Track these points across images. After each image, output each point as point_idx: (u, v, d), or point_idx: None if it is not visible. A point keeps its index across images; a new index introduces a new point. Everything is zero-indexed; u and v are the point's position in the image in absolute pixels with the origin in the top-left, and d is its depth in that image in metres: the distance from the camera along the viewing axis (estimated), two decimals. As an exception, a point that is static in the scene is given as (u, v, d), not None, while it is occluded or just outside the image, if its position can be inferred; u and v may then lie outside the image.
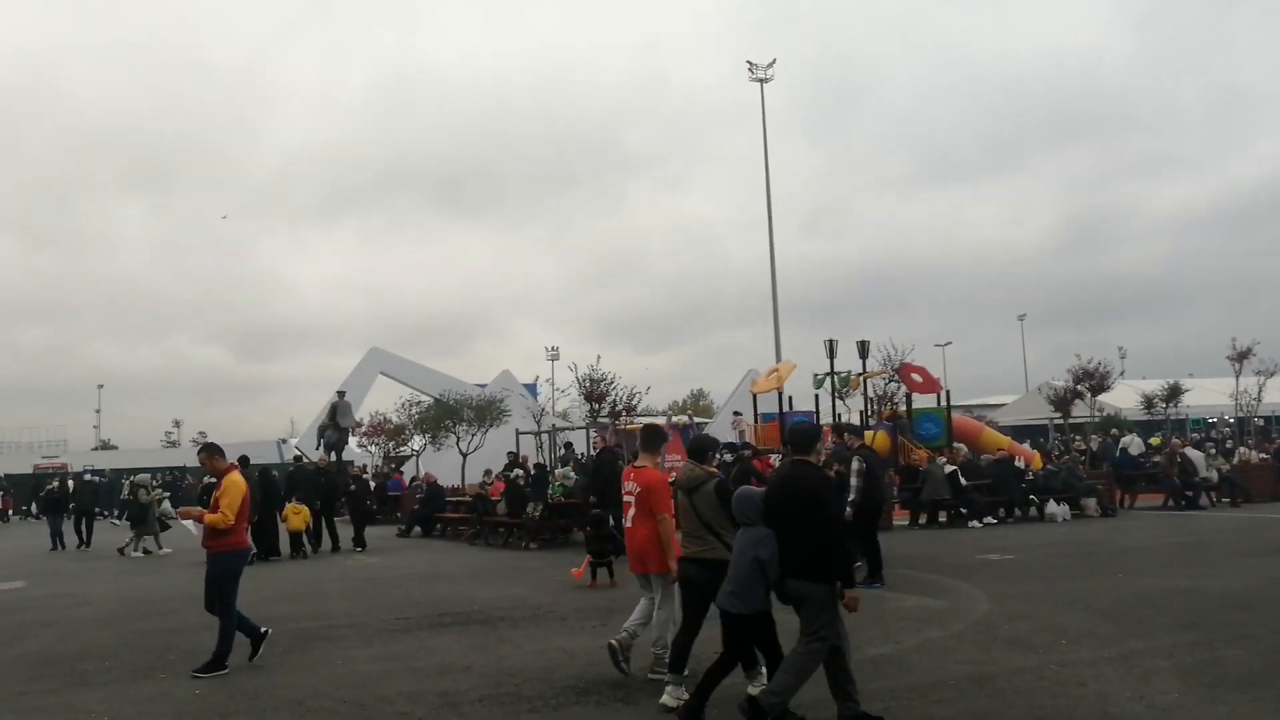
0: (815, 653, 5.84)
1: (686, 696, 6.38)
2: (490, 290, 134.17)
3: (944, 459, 21.40)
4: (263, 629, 8.78)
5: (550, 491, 19.22)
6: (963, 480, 19.98)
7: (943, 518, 20.20)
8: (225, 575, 8.51)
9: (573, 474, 20.46)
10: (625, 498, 7.51)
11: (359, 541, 19.84)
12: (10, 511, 41.51)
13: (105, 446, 78.59)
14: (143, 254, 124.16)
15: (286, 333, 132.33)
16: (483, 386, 41.72)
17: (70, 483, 26.30)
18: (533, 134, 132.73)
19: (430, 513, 22.93)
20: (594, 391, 18.07)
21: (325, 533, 19.71)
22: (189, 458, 57.80)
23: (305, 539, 18.95)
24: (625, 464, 18.00)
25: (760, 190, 45.78)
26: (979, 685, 6.94)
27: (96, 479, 35.49)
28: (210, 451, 9.01)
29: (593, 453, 25.10)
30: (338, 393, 36.86)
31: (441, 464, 30.91)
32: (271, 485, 19.02)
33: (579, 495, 17.42)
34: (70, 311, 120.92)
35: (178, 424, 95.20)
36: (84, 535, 23.11)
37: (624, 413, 18.32)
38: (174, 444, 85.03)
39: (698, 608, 6.63)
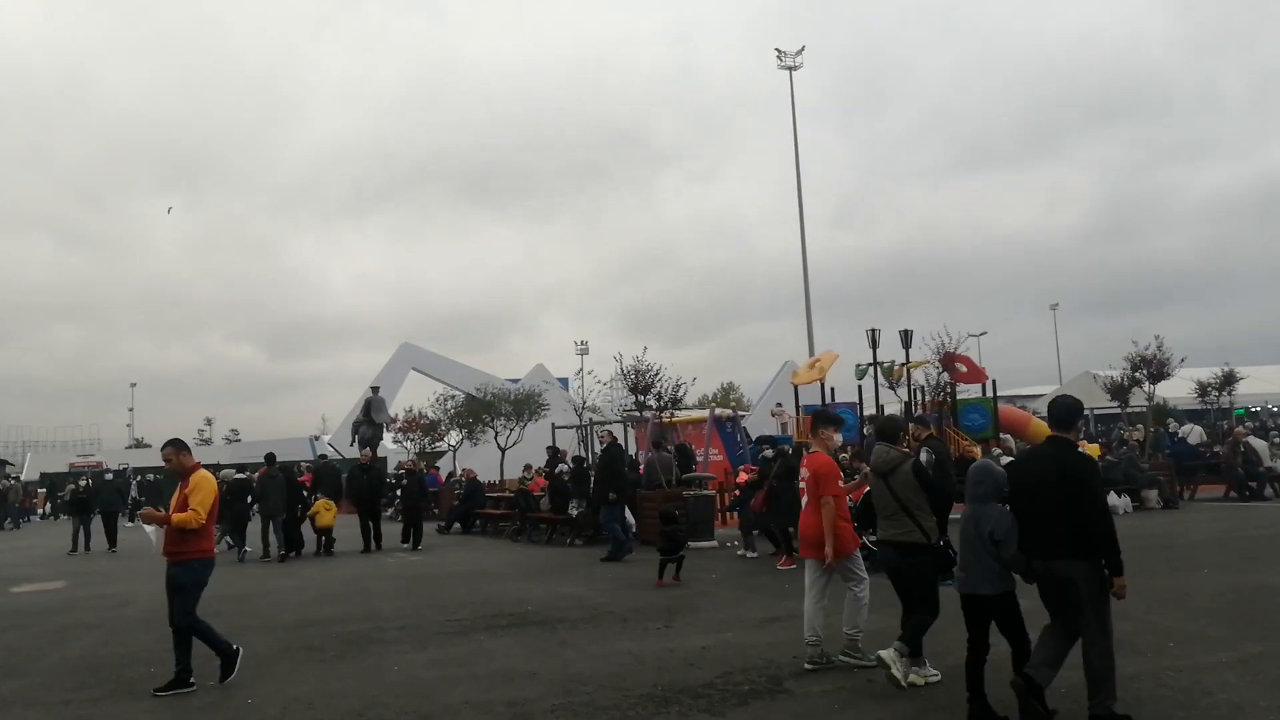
0: (1100, 637, 5.53)
1: (934, 673, 6.64)
2: (520, 285, 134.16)
3: (998, 450, 20.80)
4: (235, 646, 7.90)
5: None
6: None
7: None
8: (190, 585, 7.64)
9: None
10: (802, 484, 7.54)
11: (415, 540, 19.15)
12: (45, 508, 41.54)
13: (139, 444, 78.98)
14: (175, 253, 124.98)
15: (317, 330, 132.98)
16: (516, 381, 41.39)
17: (89, 481, 26.04)
18: (563, 127, 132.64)
19: (470, 509, 22.57)
20: (639, 383, 17.54)
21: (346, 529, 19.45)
22: (220, 455, 57.99)
23: (332, 535, 18.94)
24: (661, 457, 17.85)
25: (791, 181, 45.17)
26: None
27: (135, 478, 35.35)
28: (177, 447, 7.97)
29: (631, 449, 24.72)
30: (372, 388, 36.74)
31: (478, 459, 30.56)
32: (295, 482, 19.22)
33: (597, 492, 16.99)
34: (104, 311, 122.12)
35: (209, 422, 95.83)
36: (110, 536, 22.77)
37: (669, 405, 17.80)
38: (206, 441, 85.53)
39: (911, 589, 6.68)
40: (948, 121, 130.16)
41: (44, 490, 44.07)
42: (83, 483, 24.84)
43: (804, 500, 7.55)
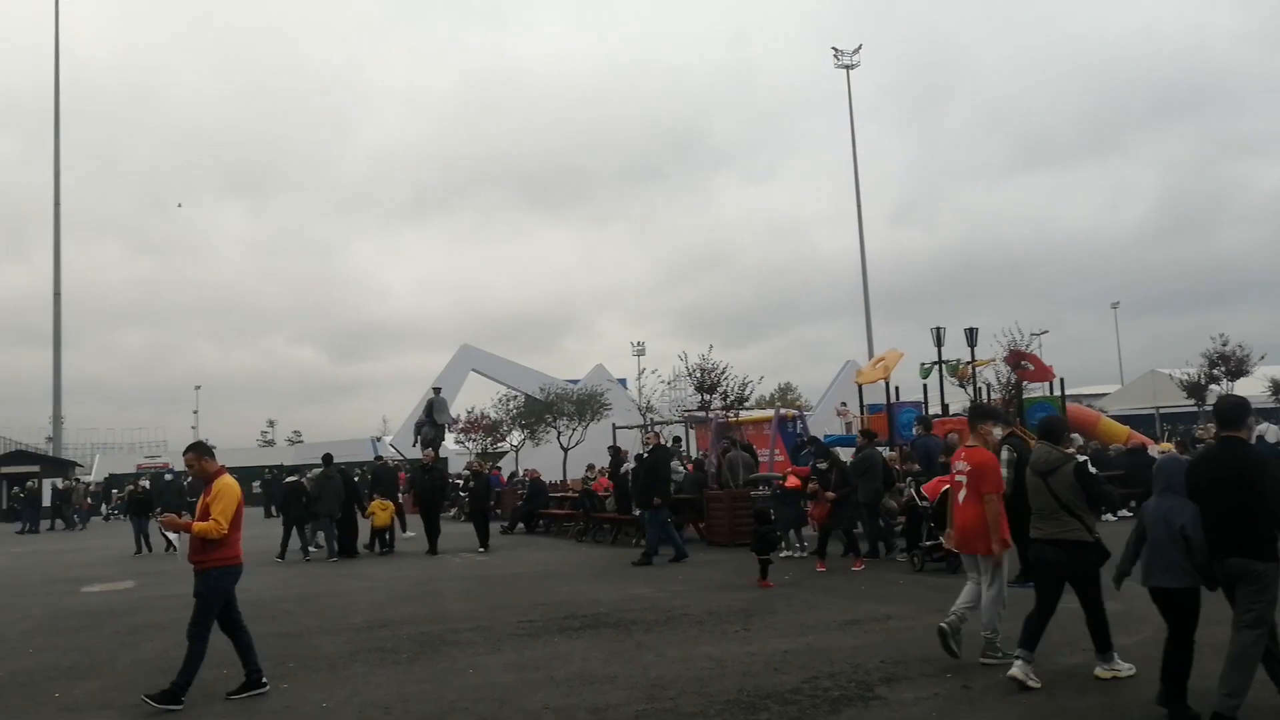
0: (1259, 639, 5.38)
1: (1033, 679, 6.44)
2: (576, 287, 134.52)
3: (1071, 449, 20.25)
4: (263, 680, 7.43)
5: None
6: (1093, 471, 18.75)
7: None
8: (214, 595, 7.24)
9: (681, 469, 19.73)
10: (958, 478, 7.51)
11: (482, 540, 18.80)
12: (104, 509, 42.06)
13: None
14: (239, 257, 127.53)
15: (378, 333, 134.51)
16: (574, 382, 41.33)
17: (147, 483, 26.12)
18: (620, 129, 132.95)
19: (534, 509, 22.45)
20: (704, 383, 17.27)
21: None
22: (283, 456, 58.69)
23: (390, 535, 19.11)
24: (740, 456, 17.55)
25: (849, 180, 44.68)
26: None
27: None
28: (198, 452, 7.62)
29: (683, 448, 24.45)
30: (433, 389, 36.82)
31: (539, 459, 30.48)
32: (352, 483, 19.26)
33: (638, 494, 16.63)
34: (170, 315, 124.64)
35: (272, 423, 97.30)
36: (168, 538, 22.22)
37: (735, 404, 17.51)
38: (270, 443, 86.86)
39: (1052, 588, 6.65)
40: (1008, 117, 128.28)
41: (100, 490, 44.79)
42: (142, 483, 25.05)
43: (960, 494, 7.51)
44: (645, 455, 16.26)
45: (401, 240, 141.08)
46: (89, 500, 39.43)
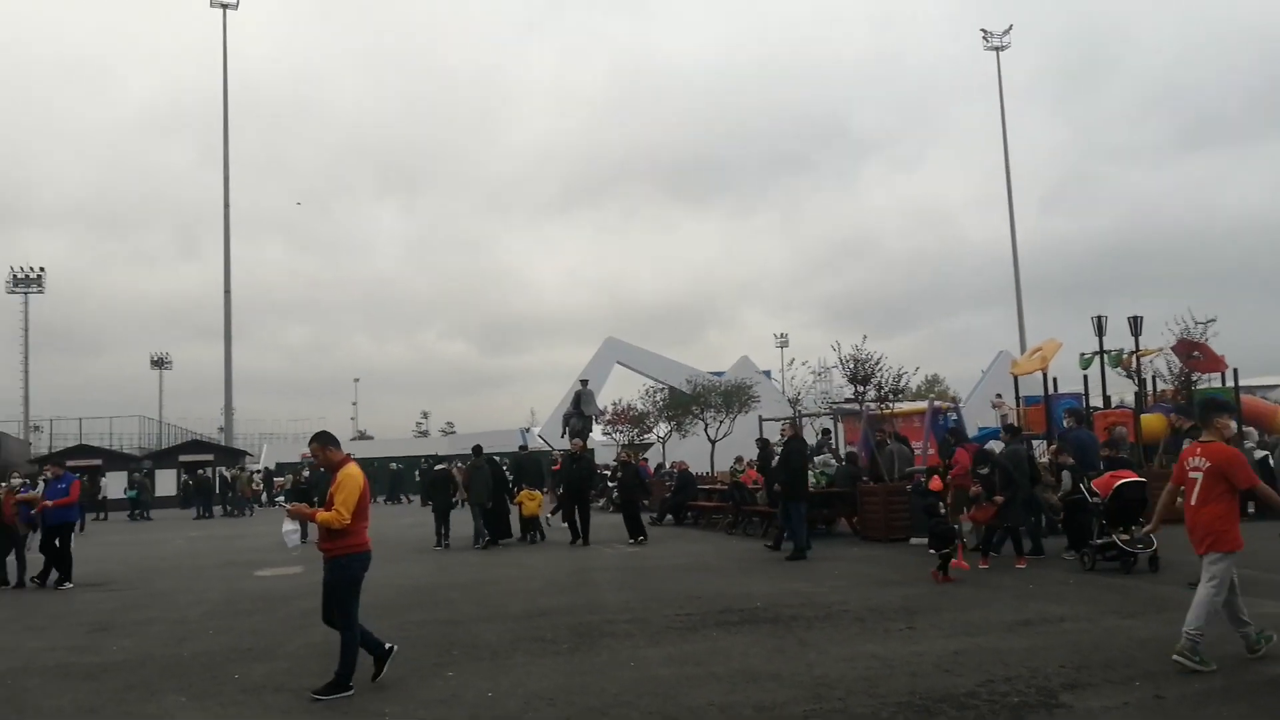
0: None
1: None
2: (719, 278, 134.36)
3: (1250, 444, 19.06)
4: (388, 645, 7.66)
5: (813, 480, 18.18)
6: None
7: (1251, 508, 17.82)
8: (344, 582, 7.35)
9: (833, 461, 19.37)
10: (1191, 474, 7.10)
11: (632, 532, 18.25)
12: (263, 497, 43.38)
13: (362, 436, 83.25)
14: (395, 254, 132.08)
15: (525, 326, 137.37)
16: (719, 375, 41.13)
17: (309, 472, 26.08)
18: (765, 118, 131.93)
19: (683, 501, 22.39)
20: (858, 373, 16.84)
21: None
22: (438, 446, 60.29)
23: (540, 524, 19.57)
24: (899, 449, 17.07)
25: (997, 166, 43.28)
26: None
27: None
28: (323, 442, 7.67)
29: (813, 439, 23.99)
30: (581, 381, 37.23)
31: (685, 451, 30.45)
32: (501, 473, 19.98)
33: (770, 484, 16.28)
34: (330, 311, 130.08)
35: (425, 415, 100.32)
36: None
37: (891, 395, 17.02)
38: (424, 433, 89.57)
39: None
40: (1171, 96, 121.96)
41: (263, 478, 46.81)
42: (305, 474, 25.85)
43: (1193, 494, 7.08)
44: (780, 447, 15.99)
45: (548, 234, 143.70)
46: (254, 487, 41.34)
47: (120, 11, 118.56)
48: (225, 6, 52.93)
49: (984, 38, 56.00)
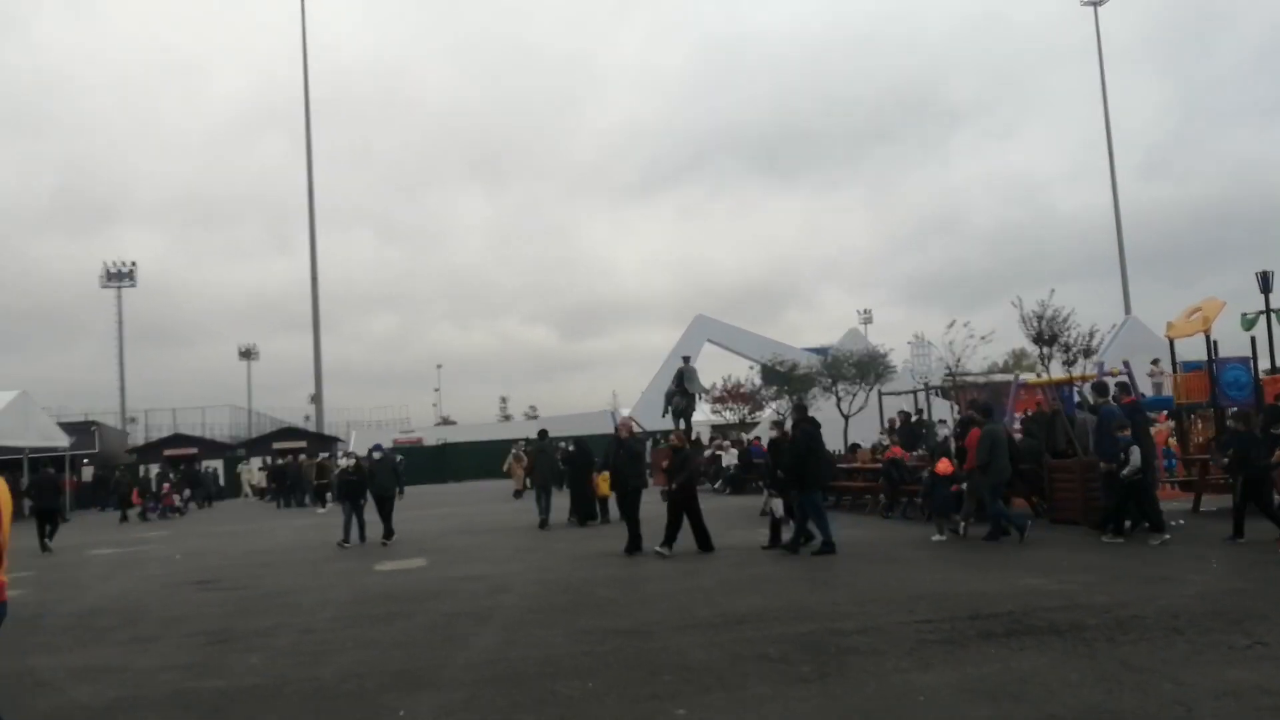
0: None
1: None
2: (799, 257, 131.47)
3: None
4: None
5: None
6: None
7: None
8: None
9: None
10: None
11: (699, 540, 13.78)
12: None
13: (445, 422, 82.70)
14: (479, 242, 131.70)
15: (605, 310, 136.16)
16: (821, 351, 39.02)
17: (355, 461, 19.78)
18: (853, 90, 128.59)
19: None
20: (1042, 333, 14.68)
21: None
22: (523, 430, 59.03)
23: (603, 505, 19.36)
24: (1089, 419, 14.94)
25: (1092, 134, 40.46)
26: None
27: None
28: None
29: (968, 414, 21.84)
30: (683, 358, 35.45)
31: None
32: (584, 454, 20.02)
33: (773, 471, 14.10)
34: (415, 299, 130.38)
35: (504, 400, 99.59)
36: (386, 522, 17.87)
37: (1080, 356, 14.85)
38: (508, 418, 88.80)
39: None
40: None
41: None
42: (345, 462, 21.11)
43: None
44: (791, 428, 13.99)
45: (629, 218, 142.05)
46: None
47: (212, 11, 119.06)
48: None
49: (1080, -6, 52.79)
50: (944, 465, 14.31)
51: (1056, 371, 15.74)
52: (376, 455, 18.84)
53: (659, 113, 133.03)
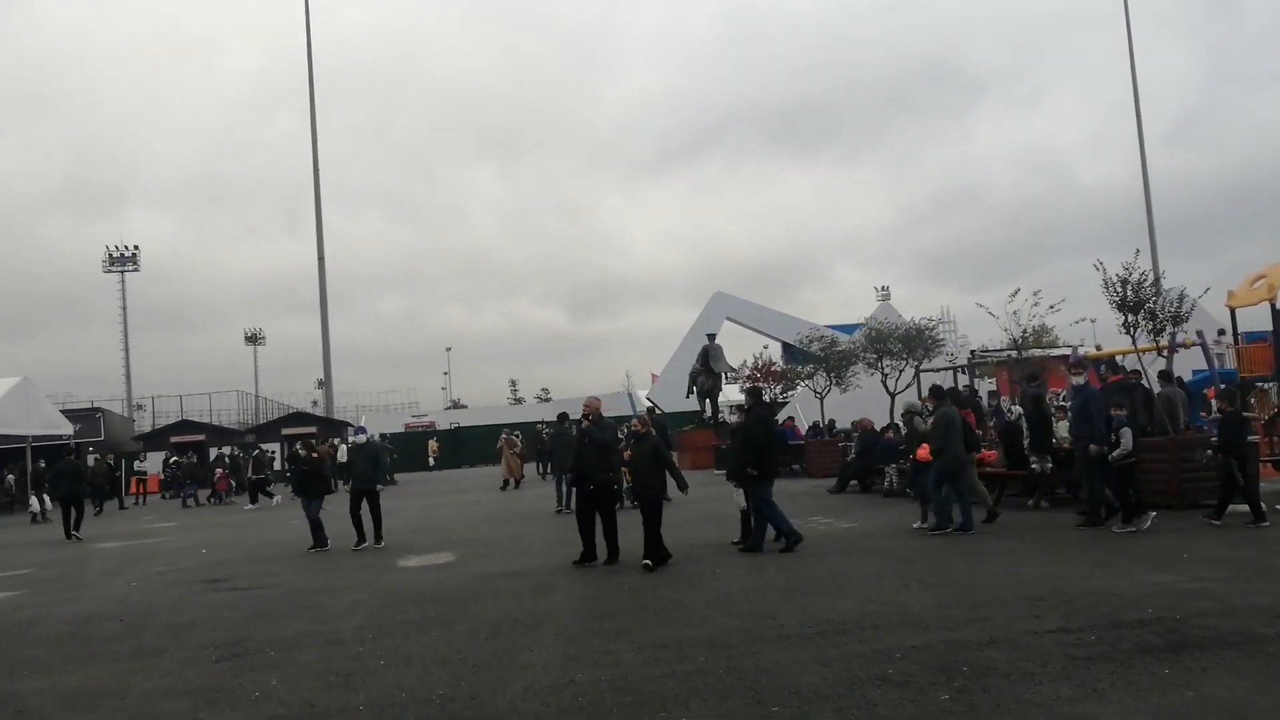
0: None
1: None
2: (815, 233, 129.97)
3: None
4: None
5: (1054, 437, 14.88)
6: None
7: None
8: None
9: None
10: None
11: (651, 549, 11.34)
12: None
13: (456, 405, 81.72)
14: (490, 222, 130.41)
15: (616, 289, 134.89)
16: (847, 330, 37.81)
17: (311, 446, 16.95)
18: (875, 60, 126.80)
19: (869, 464, 19.18)
20: (1128, 300, 13.45)
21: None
22: (537, 413, 57.95)
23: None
24: (1174, 391, 13.76)
25: (1117, 102, 39.20)
26: None
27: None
28: None
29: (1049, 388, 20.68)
30: (708, 336, 34.31)
31: (840, 407, 27.27)
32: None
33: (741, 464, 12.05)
34: (426, 281, 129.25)
35: (514, 383, 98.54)
36: (376, 522, 15.15)
37: (1170, 323, 13.66)
38: (519, 400, 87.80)
39: None
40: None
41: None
42: (356, 439, 19.43)
43: None
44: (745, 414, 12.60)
45: (643, 195, 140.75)
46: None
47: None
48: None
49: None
50: (923, 452, 13.27)
51: (1143, 342, 14.48)
52: (361, 439, 17.45)
53: (676, 82, 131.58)
